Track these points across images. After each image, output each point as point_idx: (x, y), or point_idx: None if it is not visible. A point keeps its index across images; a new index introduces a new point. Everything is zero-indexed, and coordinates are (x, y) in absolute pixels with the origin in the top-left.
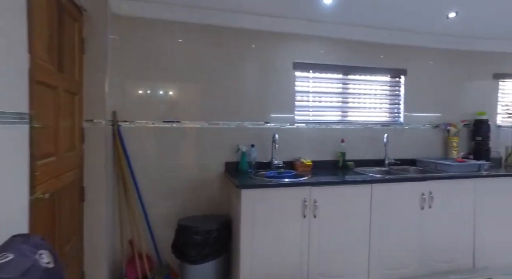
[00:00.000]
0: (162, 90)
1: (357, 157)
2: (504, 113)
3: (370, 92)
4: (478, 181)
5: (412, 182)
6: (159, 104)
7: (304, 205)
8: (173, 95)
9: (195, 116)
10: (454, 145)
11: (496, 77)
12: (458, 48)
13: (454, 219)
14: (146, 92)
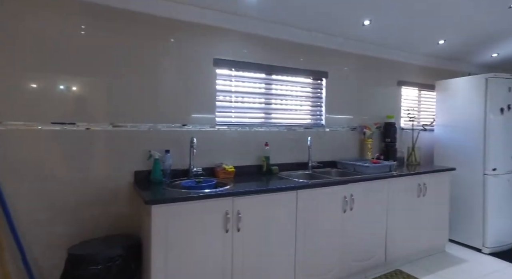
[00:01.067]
0: (55, 85)
1: (281, 161)
2: (406, 117)
3: (293, 93)
4: (390, 181)
5: (335, 186)
6: (50, 102)
7: (226, 218)
8: (69, 91)
9: (97, 117)
10: (369, 146)
11: (399, 83)
12: (371, 54)
13: (371, 218)
14: (31, 87)
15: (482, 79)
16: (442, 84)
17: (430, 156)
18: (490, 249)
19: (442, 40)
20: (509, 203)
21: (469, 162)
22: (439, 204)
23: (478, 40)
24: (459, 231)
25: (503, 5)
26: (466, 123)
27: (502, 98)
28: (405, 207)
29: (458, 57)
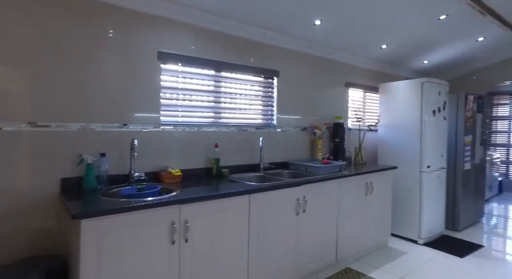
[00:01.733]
0: None
1: (232, 163)
2: (353, 117)
3: (244, 92)
4: (341, 181)
5: (289, 188)
6: None
7: (172, 229)
8: None
9: (14, 115)
10: (319, 147)
11: (347, 85)
12: (321, 55)
13: (323, 219)
14: None
15: (418, 83)
16: (384, 86)
17: (375, 155)
18: (424, 240)
19: (385, 45)
20: (438, 197)
21: (408, 160)
22: (383, 201)
23: (413, 47)
24: (399, 225)
25: (433, 17)
26: (405, 124)
27: (434, 101)
28: (354, 206)
29: (397, 62)
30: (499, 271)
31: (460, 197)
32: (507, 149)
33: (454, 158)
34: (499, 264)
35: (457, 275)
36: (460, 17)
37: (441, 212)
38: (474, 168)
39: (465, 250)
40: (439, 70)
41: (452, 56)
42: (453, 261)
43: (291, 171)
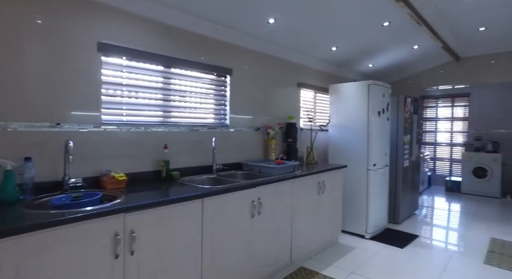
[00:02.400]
0: None
1: (183, 165)
2: (305, 117)
3: (195, 90)
4: (295, 181)
5: (243, 190)
6: None
7: (116, 241)
8: None
9: None
10: (273, 147)
11: (299, 85)
12: (275, 54)
13: (278, 221)
14: None
15: (365, 85)
16: (334, 87)
17: (325, 155)
18: (371, 234)
19: (335, 47)
20: (382, 193)
21: (356, 159)
22: (335, 200)
23: (360, 50)
24: (348, 221)
25: (378, 23)
26: (354, 124)
27: (379, 103)
28: (308, 205)
29: (346, 65)
30: (431, 256)
31: (400, 192)
32: (434, 147)
33: (395, 156)
34: (431, 250)
35: (399, 265)
36: (401, 25)
37: (384, 207)
38: (411, 165)
39: (405, 241)
40: (381, 74)
41: (392, 61)
42: (395, 252)
43: (245, 172)
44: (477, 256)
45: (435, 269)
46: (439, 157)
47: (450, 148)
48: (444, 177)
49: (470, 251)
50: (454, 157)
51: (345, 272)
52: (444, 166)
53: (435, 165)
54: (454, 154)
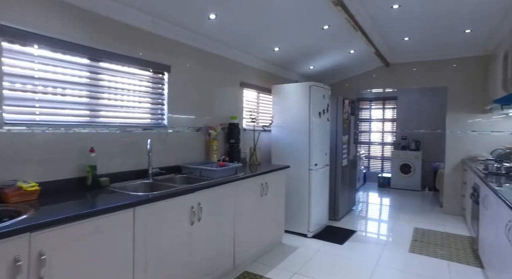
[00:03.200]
0: None
1: (113, 170)
2: (248, 118)
3: (129, 87)
4: (237, 184)
5: (182, 196)
6: None
7: (16, 269)
8: None
9: None
10: (214, 148)
11: (242, 85)
12: (216, 52)
13: (220, 226)
14: None
15: (307, 86)
16: (277, 88)
17: (269, 155)
18: (312, 233)
19: (277, 47)
20: (323, 192)
21: (299, 159)
22: (278, 200)
23: (302, 52)
24: (291, 221)
25: (318, 26)
26: (296, 124)
27: (319, 104)
28: (251, 208)
29: (288, 66)
30: (367, 249)
31: (339, 190)
32: (368, 146)
33: (335, 155)
34: (366, 244)
35: (340, 261)
36: (339, 29)
37: (325, 205)
38: (349, 163)
39: (344, 237)
40: (322, 76)
41: (332, 64)
42: (335, 249)
43: (185, 175)
44: (404, 246)
45: (370, 261)
46: (372, 155)
47: (381, 147)
48: (377, 174)
49: (398, 241)
50: (385, 155)
51: (288, 273)
52: (377, 163)
53: (369, 163)
54: (385, 153)
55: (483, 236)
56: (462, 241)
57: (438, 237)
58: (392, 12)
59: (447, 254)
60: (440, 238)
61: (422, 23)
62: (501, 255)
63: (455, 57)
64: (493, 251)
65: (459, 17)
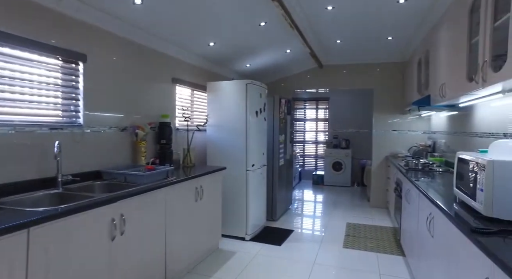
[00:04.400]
0: None
1: (8, 180)
2: (181, 116)
3: (30, 77)
4: (169, 189)
5: (99, 208)
6: None
7: None
8: None
9: None
10: (143, 150)
11: (174, 81)
12: (145, 44)
13: (148, 238)
14: None
15: (243, 84)
16: (212, 85)
17: (204, 157)
18: (251, 235)
19: (212, 42)
20: (260, 192)
21: (235, 160)
22: (214, 204)
23: (238, 49)
24: (228, 225)
25: (255, 22)
26: (232, 124)
27: (256, 103)
28: (185, 215)
29: (224, 63)
30: (304, 248)
31: (276, 190)
32: (303, 145)
33: (271, 155)
34: (304, 243)
35: (279, 263)
36: (276, 27)
37: (263, 206)
38: (286, 163)
39: (282, 238)
40: (258, 74)
41: (268, 62)
42: (274, 250)
43: (106, 182)
44: (339, 242)
45: (308, 261)
46: (307, 154)
47: (315, 146)
48: (311, 172)
49: (332, 237)
50: (318, 154)
51: None
52: (311, 162)
53: (304, 162)
54: (318, 151)
55: (405, 227)
56: (387, 232)
57: (367, 231)
58: (326, 13)
59: (376, 246)
60: (369, 231)
61: (353, 27)
62: (422, 244)
63: (379, 62)
64: (413, 241)
65: (384, 24)
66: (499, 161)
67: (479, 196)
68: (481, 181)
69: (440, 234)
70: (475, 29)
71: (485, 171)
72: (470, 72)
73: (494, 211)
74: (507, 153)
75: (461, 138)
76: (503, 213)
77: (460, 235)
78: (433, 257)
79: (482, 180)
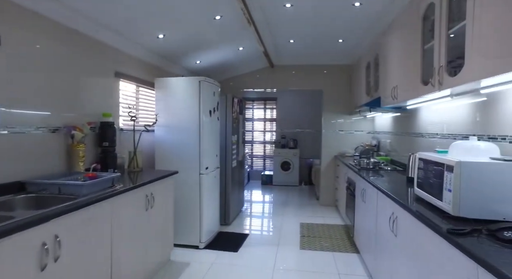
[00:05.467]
0: None
1: None
2: (126, 116)
3: None
4: (115, 200)
5: (23, 232)
6: None
7: None
8: None
9: None
10: (81, 154)
11: (117, 75)
12: (82, 30)
13: (90, 259)
14: None
15: (196, 81)
16: (161, 82)
17: (152, 160)
18: (204, 243)
19: (162, 34)
20: (214, 197)
21: (188, 163)
22: (166, 212)
23: (190, 43)
24: (181, 233)
25: (210, 15)
26: (184, 123)
27: (210, 101)
28: (134, 226)
29: (174, 58)
30: (262, 253)
31: (230, 193)
32: (251, 145)
33: (224, 157)
34: (261, 247)
35: (237, 271)
36: (232, 21)
37: (217, 211)
38: (238, 164)
39: (238, 243)
40: (208, 72)
41: (220, 60)
42: (231, 258)
43: (33, 195)
44: (295, 243)
45: (267, 266)
46: (255, 154)
47: (263, 146)
48: (260, 172)
49: (288, 239)
50: (267, 154)
51: None
52: (259, 162)
53: (252, 162)
54: (267, 151)
55: (359, 225)
56: (340, 230)
57: (320, 230)
58: (284, 11)
59: (331, 246)
60: (323, 230)
61: (308, 28)
62: (382, 243)
63: (328, 64)
64: (370, 239)
65: (337, 27)
66: (467, 162)
67: (446, 196)
68: (448, 182)
69: (405, 234)
70: (427, 36)
71: (453, 172)
72: (424, 76)
73: (461, 210)
74: (467, 153)
75: (405, 138)
76: (470, 212)
77: (432, 235)
78: (398, 256)
79: (449, 181)
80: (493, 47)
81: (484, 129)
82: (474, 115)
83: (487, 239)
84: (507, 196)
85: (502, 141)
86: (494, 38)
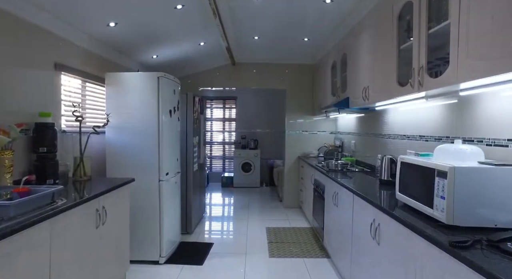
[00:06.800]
0: None
1: None
2: (70, 115)
3: None
4: (56, 220)
5: None
6: None
7: None
8: None
9: None
10: (7, 163)
11: (58, 68)
12: (8, 9)
13: None
14: None
15: (154, 77)
16: (113, 77)
17: (102, 166)
18: (165, 257)
19: (113, 22)
20: (175, 205)
21: (145, 168)
22: (121, 227)
23: (145, 34)
24: (138, 248)
25: (170, 3)
26: (141, 124)
27: (170, 100)
28: (81, 248)
29: (128, 51)
30: (230, 264)
31: (191, 199)
32: (210, 146)
33: (185, 160)
34: (228, 258)
35: None
36: (195, 12)
37: (177, 220)
38: (199, 167)
39: (202, 254)
40: (166, 68)
41: (178, 55)
42: (196, 272)
43: None
44: (263, 251)
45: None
46: (214, 155)
47: (223, 147)
48: (219, 174)
49: (256, 246)
50: (226, 155)
51: None
52: (219, 163)
53: (212, 163)
54: (226, 152)
55: (330, 230)
56: (307, 234)
57: (288, 234)
58: (251, 5)
59: (300, 251)
60: (290, 235)
61: (274, 23)
62: (361, 250)
63: (291, 63)
64: (344, 244)
65: (304, 24)
66: (461, 168)
67: (438, 203)
68: (440, 188)
69: (390, 242)
70: (403, 36)
71: (447, 179)
72: (400, 77)
73: (455, 219)
74: (453, 157)
75: (372, 139)
76: (463, 220)
77: (427, 246)
78: (382, 264)
79: (442, 187)
80: (481, 49)
81: (458, 132)
82: (447, 117)
83: (491, 251)
84: (497, 202)
85: (478, 143)
86: (483, 39)
